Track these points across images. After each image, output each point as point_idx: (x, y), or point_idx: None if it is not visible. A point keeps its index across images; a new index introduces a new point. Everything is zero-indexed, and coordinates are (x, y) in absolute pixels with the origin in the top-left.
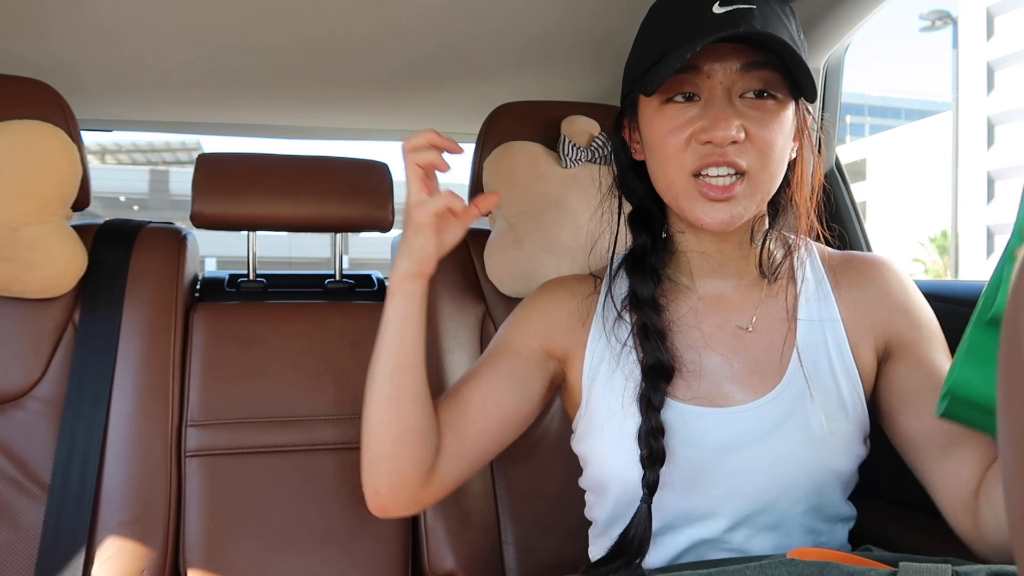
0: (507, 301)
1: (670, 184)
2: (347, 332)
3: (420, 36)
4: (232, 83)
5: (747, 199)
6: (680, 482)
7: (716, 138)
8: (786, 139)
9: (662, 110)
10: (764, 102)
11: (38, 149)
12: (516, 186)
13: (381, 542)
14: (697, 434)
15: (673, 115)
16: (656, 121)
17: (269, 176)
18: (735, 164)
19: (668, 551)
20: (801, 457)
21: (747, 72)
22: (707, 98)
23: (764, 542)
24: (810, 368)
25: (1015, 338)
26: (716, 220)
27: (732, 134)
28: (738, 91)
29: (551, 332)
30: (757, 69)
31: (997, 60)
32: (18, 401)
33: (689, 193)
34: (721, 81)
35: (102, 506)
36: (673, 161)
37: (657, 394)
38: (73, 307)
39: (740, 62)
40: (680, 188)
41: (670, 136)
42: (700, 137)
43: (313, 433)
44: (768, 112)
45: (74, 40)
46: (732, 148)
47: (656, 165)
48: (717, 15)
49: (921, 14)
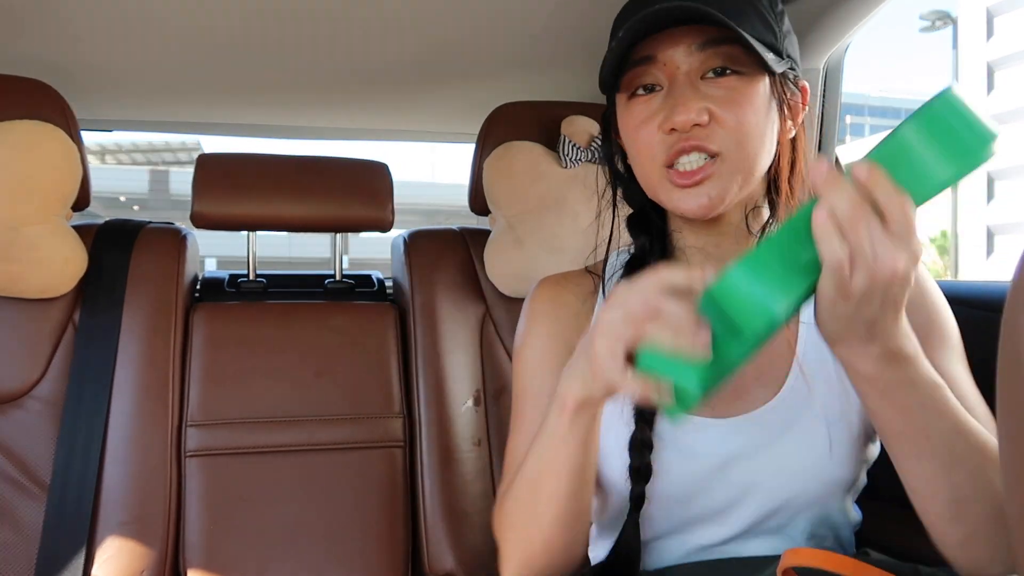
0: (507, 301)
1: (646, 178)
2: (347, 332)
3: (420, 36)
4: (232, 83)
5: (723, 179)
6: (679, 493)
7: (678, 123)
8: (760, 115)
9: (629, 106)
10: (727, 79)
11: (38, 149)
12: (516, 186)
13: (381, 542)
14: (696, 446)
15: (638, 109)
16: (624, 117)
17: (269, 176)
18: (704, 148)
19: (668, 556)
20: (803, 467)
21: (704, 51)
22: (668, 86)
23: (766, 546)
24: (811, 373)
25: (1015, 338)
26: (693, 206)
27: (692, 118)
28: (699, 72)
29: (568, 343)
30: (714, 46)
31: (997, 60)
32: (18, 401)
33: (663, 184)
34: (679, 66)
35: (102, 506)
36: (645, 154)
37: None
38: (73, 307)
39: (695, 42)
40: (655, 180)
41: (639, 130)
42: (664, 126)
43: (313, 433)
44: (733, 89)
45: (74, 40)
46: (699, 132)
47: (633, 162)
48: (666, 6)
49: (921, 14)
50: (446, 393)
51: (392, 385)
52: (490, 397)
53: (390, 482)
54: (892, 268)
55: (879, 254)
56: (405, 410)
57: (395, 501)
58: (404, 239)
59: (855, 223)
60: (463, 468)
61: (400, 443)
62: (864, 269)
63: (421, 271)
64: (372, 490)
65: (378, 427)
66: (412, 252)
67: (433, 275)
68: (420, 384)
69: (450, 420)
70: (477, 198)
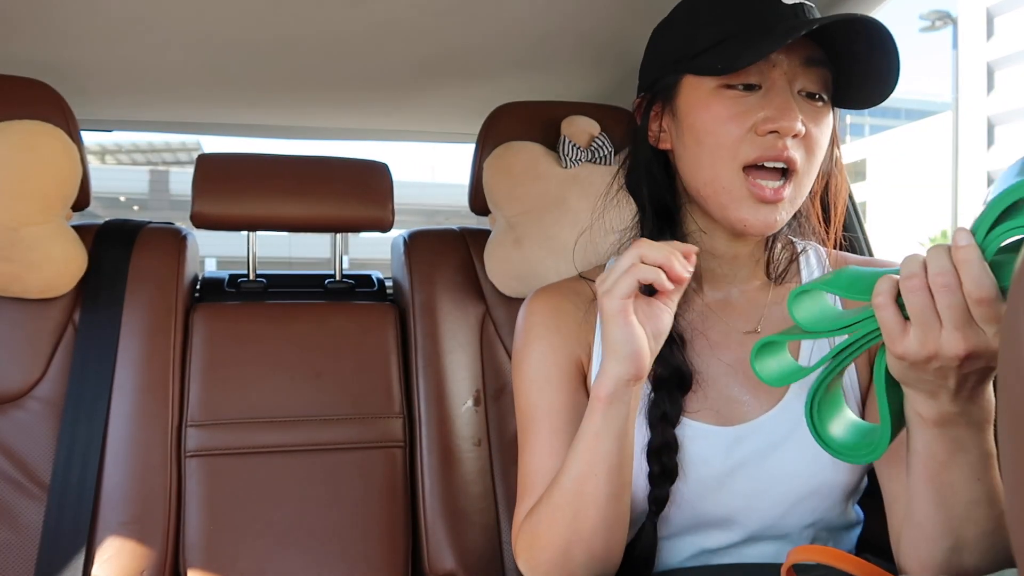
0: (507, 301)
1: (716, 176)
2: (347, 332)
3: (420, 36)
4: (232, 83)
5: (790, 203)
6: (686, 498)
7: (783, 128)
8: (828, 144)
9: (720, 95)
10: (816, 103)
11: (38, 149)
12: (516, 186)
13: (381, 542)
14: (704, 452)
15: (732, 101)
16: (713, 106)
17: (269, 176)
18: (792, 160)
19: (672, 557)
20: (808, 473)
21: (808, 68)
22: (768, 87)
23: (770, 550)
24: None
25: (1015, 338)
26: (761, 222)
27: (797, 126)
28: (797, 87)
29: (572, 355)
30: (817, 66)
31: (997, 60)
32: (18, 401)
33: (736, 190)
34: (785, 72)
35: (102, 506)
36: (726, 150)
37: (674, 406)
38: (73, 307)
39: (803, 56)
40: (727, 182)
41: (729, 123)
42: (763, 127)
43: (313, 433)
44: (819, 112)
45: (74, 40)
46: (791, 142)
47: (702, 154)
48: (786, 5)
49: (921, 14)
50: (446, 393)
51: (392, 385)
52: (490, 397)
53: (390, 482)
54: (952, 347)
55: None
56: (405, 410)
57: (395, 501)
58: (404, 239)
59: (913, 293)
60: (463, 468)
61: (400, 443)
62: (918, 339)
63: (421, 271)
64: (372, 490)
65: (378, 427)
66: (412, 252)
67: (433, 275)
68: (420, 384)
69: (450, 420)
70: (477, 198)
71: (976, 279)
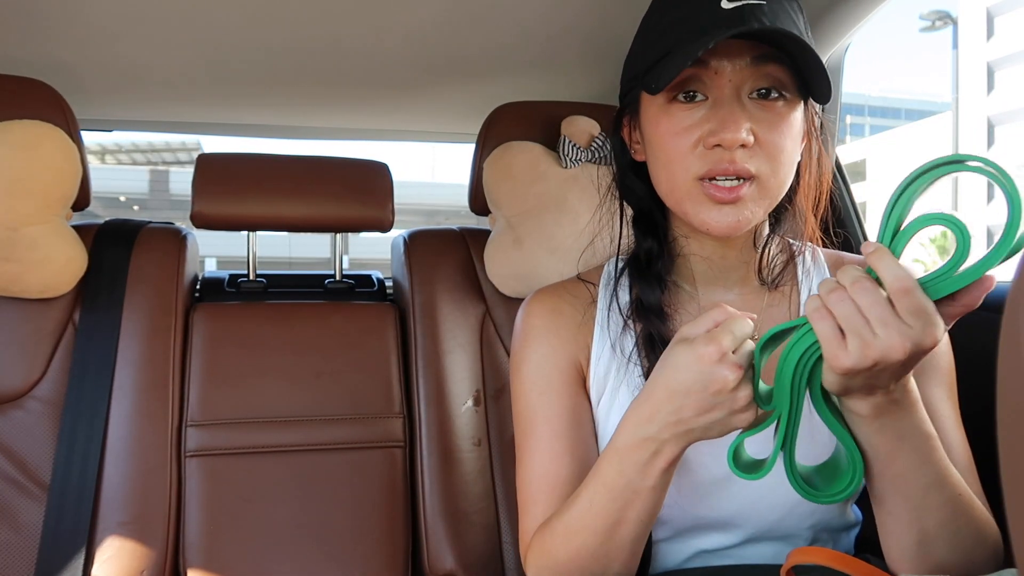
0: (507, 301)
1: (674, 187)
2: (347, 332)
3: (420, 36)
4: (232, 83)
5: (755, 203)
6: (683, 503)
7: (726, 140)
8: (795, 142)
9: (667, 110)
10: (773, 103)
11: (38, 149)
12: (516, 186)
13: (381, 542)
14: (700, 458)
15: (680, 116)
16: (661, 121)
17: (269, 176)
18: (744, 171)
19: (672, 558)
20: None
21: (756, 67)
22: (715, 97)
23: (768, 551)
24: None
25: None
26: (722, 224)
27: (742, 136)
28: (747, 90)
29: (571, 358)
30: (766, 63)
31: (997, 60)
32: (18, 401)
33: (694, 196)
34: (730, 79)
35: (102, 506)
36: (678, 164)
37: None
38: (73, 307)
39: (749, 56)
40: (684, 191)
41: (676, 138)
42: (708, 141)
43: (313, 433)
44: (777, 114)
45: (74, 40)
46: (741, 153)
47: (659, 167)
48: (726, 10)
49: (921, 14)
50: (446, 393)
51: (392, 385)
52: (490, 397)
53: (390, 482)
54: (886, 349)
55: (877, 334)
56: (405, 410)
57: (395, 501)
58: (404, 239)
59: (838, 303)
60: (463, 468)
61: (400, 443)
62: (856, 346)
63: (421, 271)
64: (372, 490)
65: (378, 427)
66: (412, 252)
67: (433, 275)
68: (420, 384)
69: (450, 420)
70: (477, 198)
71: (893, 271)
